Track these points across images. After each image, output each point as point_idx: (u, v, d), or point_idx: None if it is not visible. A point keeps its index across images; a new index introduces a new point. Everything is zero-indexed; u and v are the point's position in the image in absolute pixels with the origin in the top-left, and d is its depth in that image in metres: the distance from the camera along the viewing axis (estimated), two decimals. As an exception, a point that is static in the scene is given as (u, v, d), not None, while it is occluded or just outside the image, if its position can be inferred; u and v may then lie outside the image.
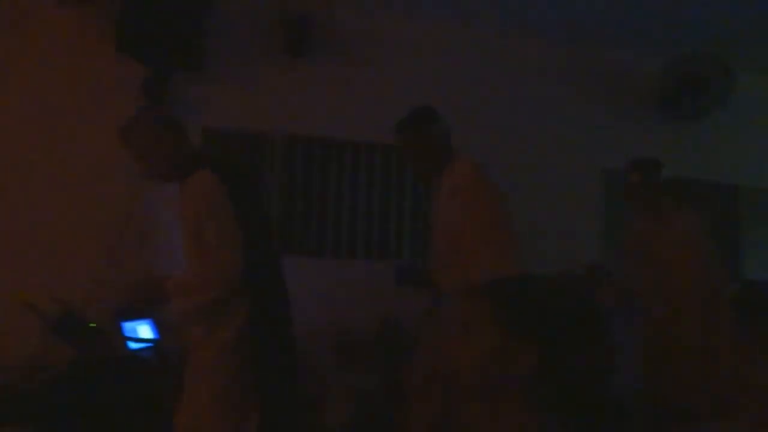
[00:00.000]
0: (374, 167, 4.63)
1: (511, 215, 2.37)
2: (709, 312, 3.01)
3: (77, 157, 4.09)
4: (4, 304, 3.50)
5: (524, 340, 1.15)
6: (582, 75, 5.17)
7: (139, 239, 4.06)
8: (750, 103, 5.41)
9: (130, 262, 3.96)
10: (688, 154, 5.23)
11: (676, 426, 2.91)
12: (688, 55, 4.88)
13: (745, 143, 5.52)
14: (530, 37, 4.94)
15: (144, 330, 3.44)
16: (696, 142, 5.33)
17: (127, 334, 3.24)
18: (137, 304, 2.23)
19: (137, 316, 3.41)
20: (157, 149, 2.19)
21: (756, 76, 5.42)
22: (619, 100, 5.26)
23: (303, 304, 4.04)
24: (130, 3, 3.81)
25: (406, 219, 4.65)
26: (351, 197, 4.56)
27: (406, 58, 4.73)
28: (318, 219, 4.49)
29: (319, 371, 3.53)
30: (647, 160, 3.22)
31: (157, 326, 3.63)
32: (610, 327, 3.26)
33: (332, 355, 3.87)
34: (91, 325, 3.09)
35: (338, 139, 4.56)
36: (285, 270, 2.32)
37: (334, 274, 4.39)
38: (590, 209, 5.06)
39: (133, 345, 3.25)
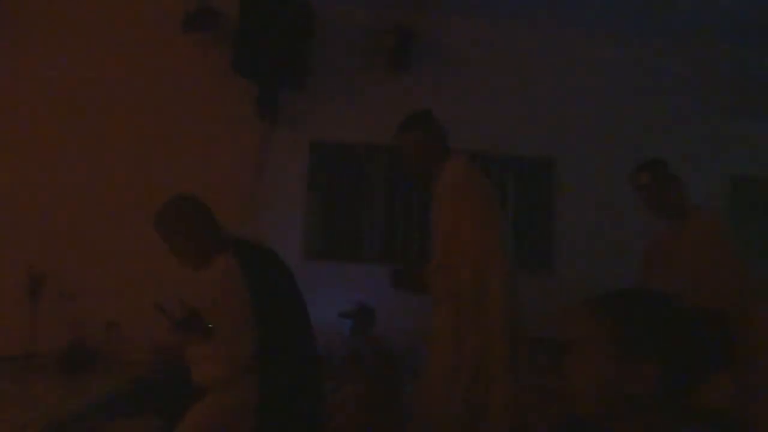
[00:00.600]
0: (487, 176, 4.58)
1: (500, 215, 2.45)
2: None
3: (197, 172, 4.45)
4: (139, 305, 3.86)
5: (645, 359, 1.07)
6: (704, 78, 4.81)
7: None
8: None
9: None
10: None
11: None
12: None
13: None
14: (644, 40, 4.69)
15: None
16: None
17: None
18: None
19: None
20: (186, 234, 2.44)
21: None
22: (745, 103, 4.83)
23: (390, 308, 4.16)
24: (246, 26, 4.10)
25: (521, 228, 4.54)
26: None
27: (511, 66, 4.67)
28: (421, 230, 4.52)
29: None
30: (654, 160, 2.95)
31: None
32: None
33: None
34: (210, 325, 3.30)
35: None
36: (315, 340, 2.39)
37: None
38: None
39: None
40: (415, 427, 2.36)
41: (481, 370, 2.16)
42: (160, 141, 4.48)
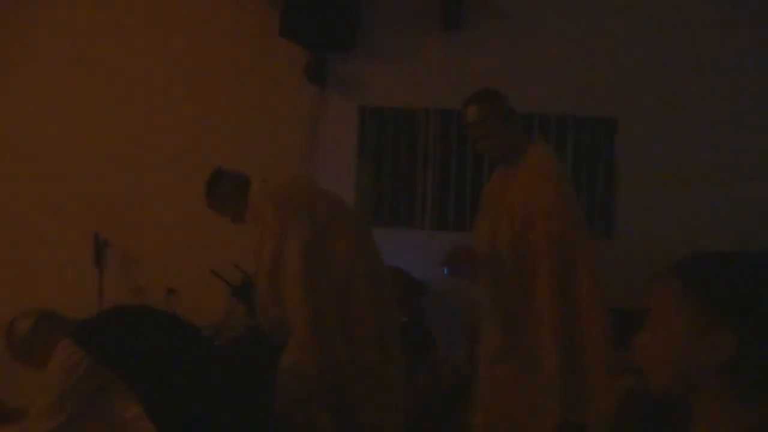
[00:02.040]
0: (544, 138, 4.36)
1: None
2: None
3: (248, 140, 4.48)
4: (196, 273, 3.98)
5: (723, 328, 0.99)
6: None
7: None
8: None
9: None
10: None
11: None
12: None
13: None
14: None
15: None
16: None
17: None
18: None
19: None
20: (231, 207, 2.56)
21: None
22: None
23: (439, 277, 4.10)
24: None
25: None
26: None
27: (569, 20, 4.39)
28: (475, 197, 4.41)
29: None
30: (485, 90, 2.44)
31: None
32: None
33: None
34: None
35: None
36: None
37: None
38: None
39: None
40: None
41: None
42: (211, 109, 4.52)
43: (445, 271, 2.35)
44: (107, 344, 1.92)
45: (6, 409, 2.28)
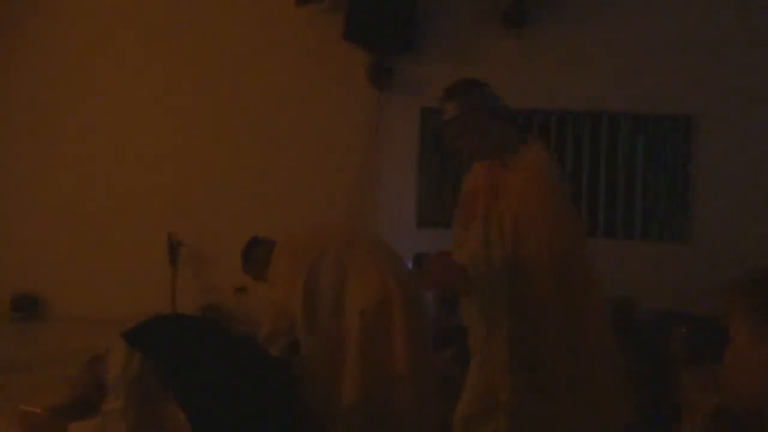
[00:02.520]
0: (614, 137, 4.22)
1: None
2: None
3: (313, 141, 4.57)
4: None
5: None
6: None
7: (366, 215, 4.41)
8: None
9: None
10: None
11: None
12: None
13: None
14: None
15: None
16: None
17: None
18: None
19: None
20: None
21: None
22: None
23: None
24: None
25: (637, 194, 4.19)
26: (574, 171, 4.27)
27: (639, 16, 4.21)
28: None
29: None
30: (464, 81, 2.03)
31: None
32: None
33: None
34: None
35: (567, 110, 4.27)
36: None
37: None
38: None
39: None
40: None
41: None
42: (277, 113, 4.65)
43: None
44: (156, 346, 1.99)
45: (89, 402, 2.43)
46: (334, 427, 2.18)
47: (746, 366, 0.95)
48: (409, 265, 3.60)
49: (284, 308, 2.40)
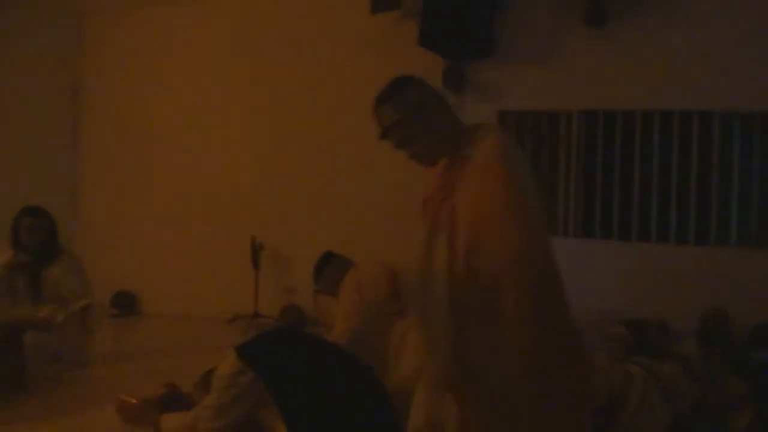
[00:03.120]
0: (706, 138, 3.97)
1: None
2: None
3: (385, 150, 4.61)
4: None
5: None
6: None
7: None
8: None
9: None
10: None
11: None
12: None
13: None
14: None
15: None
16: None
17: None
18: None
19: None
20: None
21: None
22: None
23: (603, 289, 3.86)
24: (431, 3, 4.10)
25: (733, 198, 3.92)
26: (662, 173, 4.05)
27: (730, 10, 3.94)
28: (621, 196, 4.12)
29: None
30: (390, 83, 1.80)
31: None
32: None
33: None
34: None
35: (652, 110, 4.07)
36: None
37: (643, 259, 3.99)
38: None
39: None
40: None
41: None
42: (352, 120, 4.74)
43: None
44: (265, 360, 2.07)
45: (180, 395, 2.58)
46: None
47: None
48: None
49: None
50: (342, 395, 2.00)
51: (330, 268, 2.87)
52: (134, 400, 2.51)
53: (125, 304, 5.29)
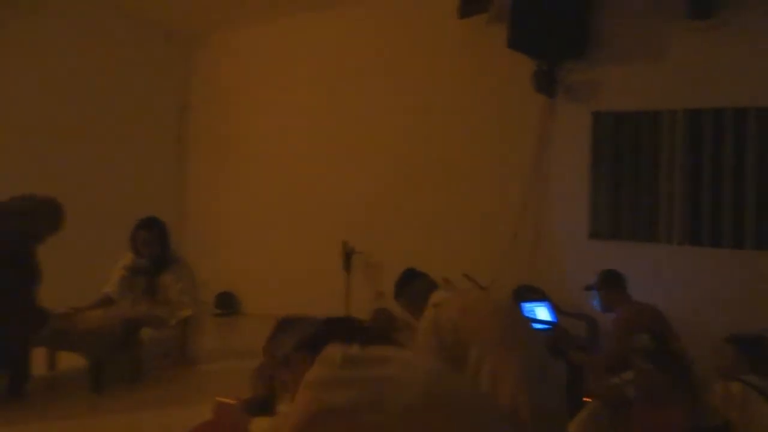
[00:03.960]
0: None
1: None
2: None
3: (476, 153, 4.59)
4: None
5: None
6: None
7: (535, 226, 4.31)
8: None
9: (527, 248, 4.26)
10: None
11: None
12: None
13: None
14: None
15: (542, 312, 3.60)
16: None
17: (527, 314, 3.44)
18: None
19: (536, 298, 3.60)
20: None
21: None
22: None
23: (711, 301, 3.59)
24: (520, 3, 4.03)
25: None
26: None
27: None
28: (733, 201, 3.78)
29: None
30: None
31: (555, 309, 3.75)
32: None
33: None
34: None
35: (764, 108, 3.73)
36: None
37: (758, 270, 3.66)
38: None
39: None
40: None
41: None
42: (443, 123, 4.76)
43: None
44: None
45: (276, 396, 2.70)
46: None
47: None
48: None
49: None
50: None
51: (412, 287, 2.83)
52: (232, 401, 2.63)
53: (227, 304, 5.63)
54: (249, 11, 5.45)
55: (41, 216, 3.02)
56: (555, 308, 3.71)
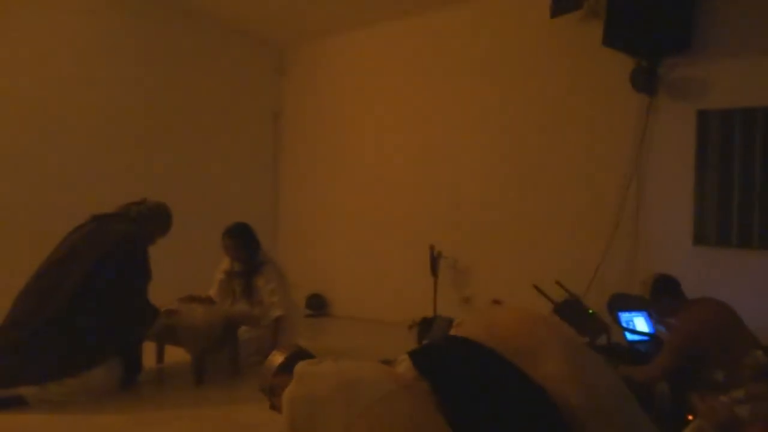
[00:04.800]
0: None
1: None
2: None
3: (573, 154, 4.43)
4: (520, 286, 4.12)
5: None
6: None
7: (633, 232, 4.09)
8: None
9: (624, 255, 4.05)
10: None
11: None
12: None
13: None
14: None
15: (640, 322, 3.41)
16: None
17: (624, 324, 3.28)
18: None
19: (633, 307, 3.41)
20: None
21: None
22: None
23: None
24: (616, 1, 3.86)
25: None
26: None
27: None
28: None
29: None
30: None
31: (653, 320, 3.54)
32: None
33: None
34: (590, 311, 3.28)
35: None
36: None
37: None
38: None
39: (630, 336, 3.27)
40: None
41: None
42: (537, 127, 4.64)
43: None
44: (437, 369, 2.04)
45: None
46: None
47: None
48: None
49: None
50: (515, 413, 1.91)
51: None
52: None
53: (317, 305, 5.80)
54: (341, 20, 5.61)
55: (153, 220, 3.28)
56: (653, 318, 3.50)
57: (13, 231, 4.08)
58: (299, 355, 2.11)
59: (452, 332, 2.25)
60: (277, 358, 2.20)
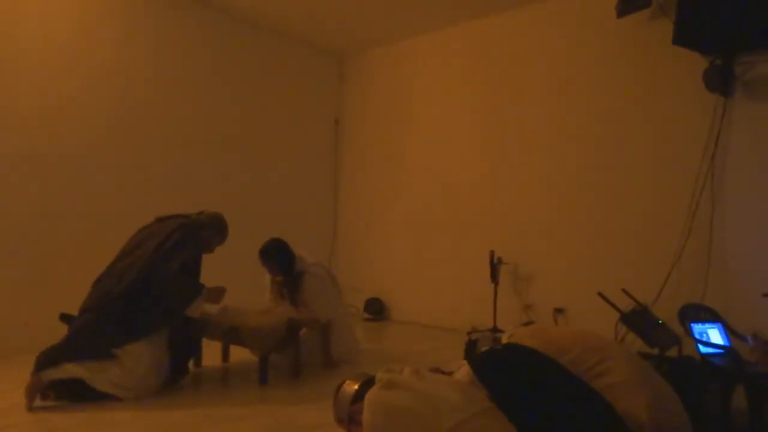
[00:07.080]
0: None
1: None
2: None
3: (642, 157, 4.27)
4: (585, 294, 4.01)
5: None
6: None
7: (706, 239, 3.90)
8: None
9: (696, 263, 3.86)
10: None
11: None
12: None
13: None
14: None
15: (714, 334, 3.24)
16: None
17: (698, 336, 3.12)
18: None
19: (706, 319, 3.24)
20: None
21: None
22: None
23: None
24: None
25: None
26: None
27: None
28: None
29: None
30: None
31: (728, 332, 3.36)
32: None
33: None
34: (660, 321, 3.15)
35: None
36: None
37: None
38: None
39: (703, 349, 3.10)
40: None
41: None
42: (605, 130, 4.51)
43: None
44: (495, 376, 2.02)
45: None
46: None
47: None
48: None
49: None
50: (576, 420, 1.86)
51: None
52: None
53: (376, 310, 5.85)
54: (398, 29, 5.67)
55: (210, 227, 3.41)
56: (729, 330, 3.31)
57: (99, 231, 4.34)
58: (371, 382, 2.15)
59: (505, 341, 2.22)
60: (352, 387, 2.27)
